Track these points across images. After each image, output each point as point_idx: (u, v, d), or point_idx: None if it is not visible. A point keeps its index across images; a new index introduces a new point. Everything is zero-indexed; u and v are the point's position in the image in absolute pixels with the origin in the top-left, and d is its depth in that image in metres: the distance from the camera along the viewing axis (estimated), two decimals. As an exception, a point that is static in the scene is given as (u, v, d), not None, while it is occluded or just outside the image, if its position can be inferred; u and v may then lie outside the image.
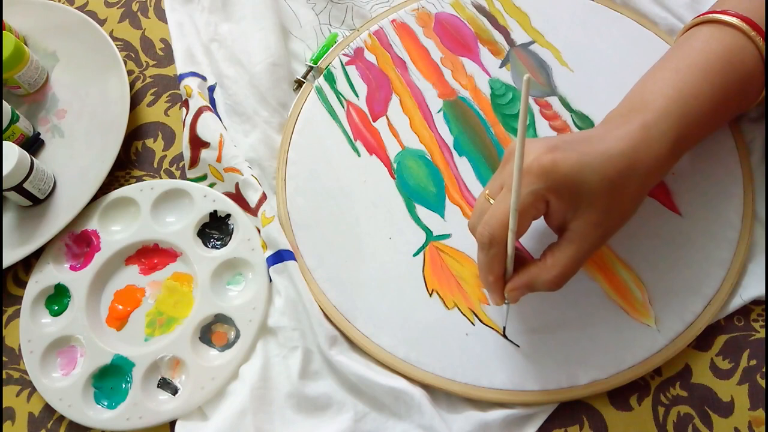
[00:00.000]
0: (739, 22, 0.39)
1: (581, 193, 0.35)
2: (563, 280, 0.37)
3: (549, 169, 0.34)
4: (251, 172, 0.49)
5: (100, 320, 0.47)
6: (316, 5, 0.57)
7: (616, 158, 0.35)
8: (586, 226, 0.36)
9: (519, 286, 0.37)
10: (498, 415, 0.40)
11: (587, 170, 0.35)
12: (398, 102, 0.51)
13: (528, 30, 0.52)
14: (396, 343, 0.43)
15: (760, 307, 0.42)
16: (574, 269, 0.37)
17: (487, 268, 0.37)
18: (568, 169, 0.34)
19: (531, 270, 0.37)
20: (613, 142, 0.36)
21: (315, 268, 0.46)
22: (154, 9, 0.60)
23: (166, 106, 0.55)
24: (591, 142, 0.36)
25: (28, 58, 0.54)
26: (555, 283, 0.36)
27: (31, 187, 0.49)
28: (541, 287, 0.37)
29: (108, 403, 0.44)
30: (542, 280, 0.37)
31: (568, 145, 0.36)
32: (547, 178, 0.35)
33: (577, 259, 0.36)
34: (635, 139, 0.36)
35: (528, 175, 0.35)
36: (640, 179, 0.36)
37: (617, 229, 0.38)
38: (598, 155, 0.35)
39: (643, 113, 0.38)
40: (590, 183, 0.35)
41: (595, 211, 0.35)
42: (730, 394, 0.40)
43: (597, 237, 0.36)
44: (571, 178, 0.35)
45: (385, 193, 0.48)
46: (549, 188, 0.35)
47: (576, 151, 0.35)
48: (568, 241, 0.36)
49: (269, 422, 0.42)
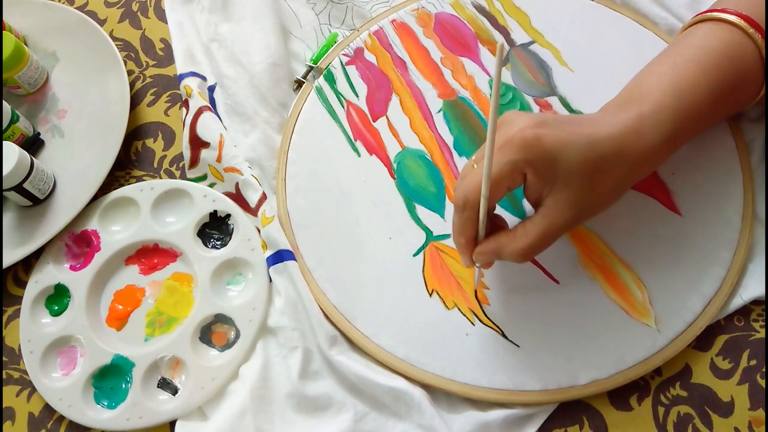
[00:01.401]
0: (738, 20, 0.39)
1: (559, 170, 0.35)
2: (529, 252, 0.37)
3: (530, 143, 0.35)
4: (251, 172, 0.49)
5: (100, 320, 0.47)
6: (316, 5, 0.57)
7: (602, 142, 0.36)
8: (561, 204, 0.36)
9: (486, 251, 0.38)
10: (498, 415, 0.40)
11: (569, 149, 0.35)
12: (398, 102, 0.51)
13: (528, 30, 0.52)
14: (396, 343, 0.43)
15: (760, 307, 0.42)
16: (542, 244, 0.37)
17: (460, 230, 0.38)
18: (550, 145, 0.35)
19: (500, 238, 0.38)
20: (603, 127, 0.36)
21: (315, 268, 0.46)
22: (154, 9, 0.60)
23: (166, 106, 0.55)
24: (581, 124, 0.37)
25: (28, 58, 0.54)
26: (520, 255, 0.37)
27: (31, 187, 0.49)
28: (507, 256, 0.37)
29: (108, 403, 0.44)
30: (509, 250, 0.37)
31: (556, 123, 0.36)
32: (527, 151, 0.35)
33: (546, 234, 0.36)
34: (627, 127, 0.36)
35: (509, 146, 0.35)
36: (626, 167, 0.37)
37: (594, 214, 0.38)
38: (584, 136, 0.36)
39: (639, 104, 0.38)
40: (569, 161, 0.35)
41: (571, 190, 0.36)
42: (730, 394, 0.40)
43: (570, 216, 0.36)
44: (551, 154, 0.35)
45: (385, 193, 0.48)
46: (527, 161, 0.35)
47: (562, 130, 0.35)
48: (541, 216, 0.37)
49: (269, 422, 0.42)
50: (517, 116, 0.37)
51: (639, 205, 0.44)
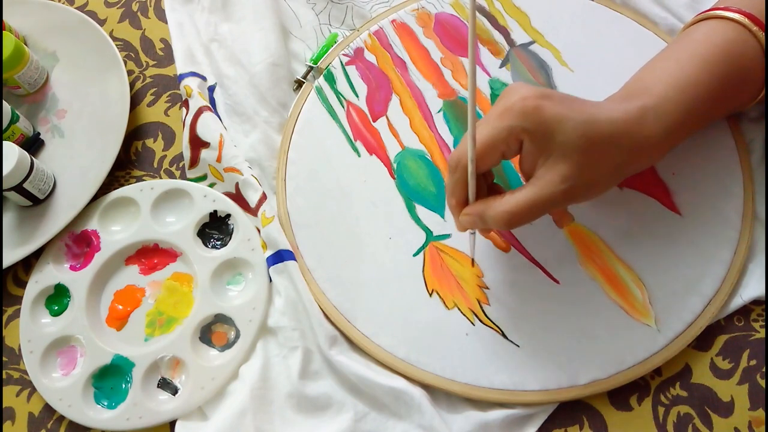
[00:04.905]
0: (741, 18, 0.39)
1: (555, 142, 0.35)
2: (513, 218, 0.37)
3: (530, 111, 0.35)
4: (251, 172, 0.49)
5: (100, 320, 0.47)
6: (316, 5, 0.57)
7: (602, 123, 0.36)
8: (553, 176, 0.36)
9: (472, 212, 0.38)
10: (498, 415, 0.40)
11: (568, 123, 0.35)
12: (398, 102, 0.51)
13: (528, 30, 0.52)
14: (396, 343, 0.43)
15: (760, 307, 0.42)
16: (527, 213, 0.36)
17: (450, 191, 0.39)
18: (549, 116, 0.35)
19: (487, 201, 0.38)
20: (606, 110, 0.37)
21: (315, 268, 0.46)
22: (154, 9, 0.60)
23: (166, 106, 0.55)
24: (584, 104, 0.37)
25: (28, 58, 0.54)
26: (503, 220, 0.37)
27: (31, 187, 0.49)
28: (491, 221, 0.37)
29: (108, 403, 0.44)
30: (492, 213, 0.37)
31: (560, 98, 0.36)
32: (525, 119, 0.35)
33: (532, 202, 0.36)
34: (629, 114, 0.37)
35: (508, 113, 0.36)
36: (623, 154, 0.37)
37: (584, 196, 0.38)
38: (586, 114, 0.36)
39: (642, 97, 0.38)
40: (568, 135, 0.35)
41: (565, 164, 0.36)
42: (730, 394, 0.40)
43: (560, 191, 0.36)
44: (549, 125, 0.35)
45: (385, 193, 0.48)
46: (524, 129, 0.35)
47: (565, 106, 0.36)
48: (531, 185, 0.37)
49: (269, 422, 0.42)
50: (522, 86, 0.37)
51: (639, 205, 0.44)
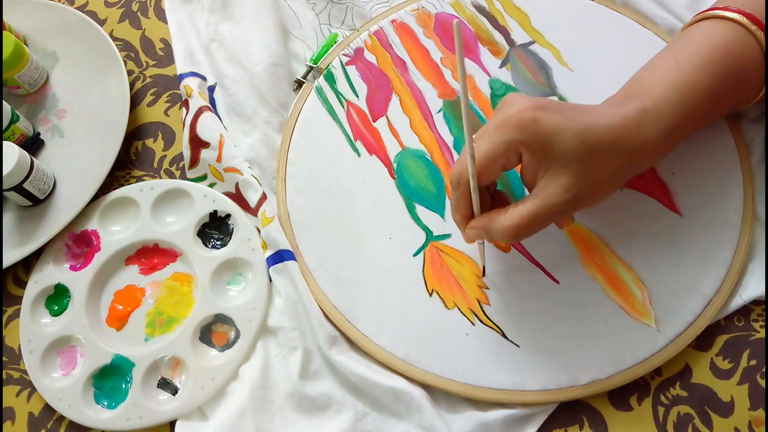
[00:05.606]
0: (741, 17, 0.39)
1: (554, 153, 0.35)
2: (518, 231, 0.37)
3: (527, 124, 0.35)
4: (251, 172, 0.49)
5: (100, 320, 0.47)
6: (316, 5, 0.57)
7: (601, 129, 0.36)
8: (555, 186, 0.36)
9: (476, 225, 0.39)
10: (498, 415, 0.40)
11: (567, 133, 0.35)
12: (398, 102, 0.51)
13: (528, 30, 0.52)
14: (396, 343, 0.43)
15: (760, 307, 0.42)
16: (531, 225, 0.36)
17: (455, 207, 0.40)
18: (547, 128, 0.35)
19: (492, 214, 0.38)
20: (603, 116, 0.36)
21: (315, 268, 0.46)
22: (154, 9, 0.60)
23: (166, 106, 0.55)
24: (581, 112, 0.37)
25: (28, 58, 0.54)
26: (509, 233, 0.37)
27: (31, 187, 0.49)
28: (496, 234, 0.37)
29: (108, 403, 0.44)
30: (497, 227, 0.37)
31: (557, 108, 0.36)
32: (523, 132, 0.35)
33: (536, 215, 0.36)
34: (627, 118, 0.37)
35: (506, 126, 0.36)
36: (623, 158, 0.37)
37: (587, 203, 0.38)
38: (583, 122, 0.36)
39: (641, 99, 0.38)
40: (566, 145, 0.35)
41: (566, 174, 0.36)
42: (730, 394, 0.40)
43: (563, 201, 0.36)
44: (547, 136, 0.35)
45: (385, 193, 0.48)
46: (523, 142, 0.35)
47: (561, 115, 0.36)
48: (533, 196, 0.37)
49: (269, 422, 0.42)
50: (518, 98, 0.37)
51: (639, 205, 0.44)
